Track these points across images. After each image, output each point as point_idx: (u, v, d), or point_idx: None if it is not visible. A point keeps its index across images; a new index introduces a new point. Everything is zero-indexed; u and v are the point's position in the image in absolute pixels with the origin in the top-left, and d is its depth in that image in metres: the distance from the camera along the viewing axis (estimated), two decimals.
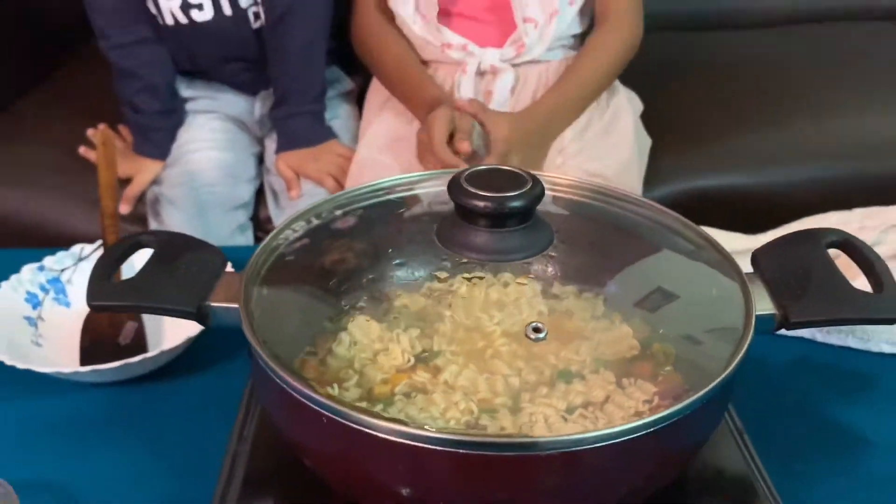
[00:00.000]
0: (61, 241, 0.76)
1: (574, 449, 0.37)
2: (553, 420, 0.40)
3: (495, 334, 0.43)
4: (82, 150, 1.13)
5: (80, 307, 0.70)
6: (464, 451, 0.37)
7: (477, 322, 0.44)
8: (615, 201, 0.54)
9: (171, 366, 0.64)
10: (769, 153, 1.16)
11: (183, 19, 1.07)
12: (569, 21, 1.06)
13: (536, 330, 0.42)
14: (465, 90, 1.06)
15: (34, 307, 0.69)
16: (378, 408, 0.40)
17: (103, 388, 0.63)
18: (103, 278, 0.46)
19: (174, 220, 1.07)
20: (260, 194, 1.16)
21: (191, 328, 0.62)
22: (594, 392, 0.42)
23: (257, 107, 1.17)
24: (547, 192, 0.47)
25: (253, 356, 0.44)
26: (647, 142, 1.16)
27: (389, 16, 1.08)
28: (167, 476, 0.55)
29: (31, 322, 0.68)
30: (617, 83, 1.14)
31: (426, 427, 0.38)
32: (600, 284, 0.46)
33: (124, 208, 1.08)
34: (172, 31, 1.08)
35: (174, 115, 1.12)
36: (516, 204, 0.43)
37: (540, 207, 0.46)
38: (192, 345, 0.64)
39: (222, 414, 0.57)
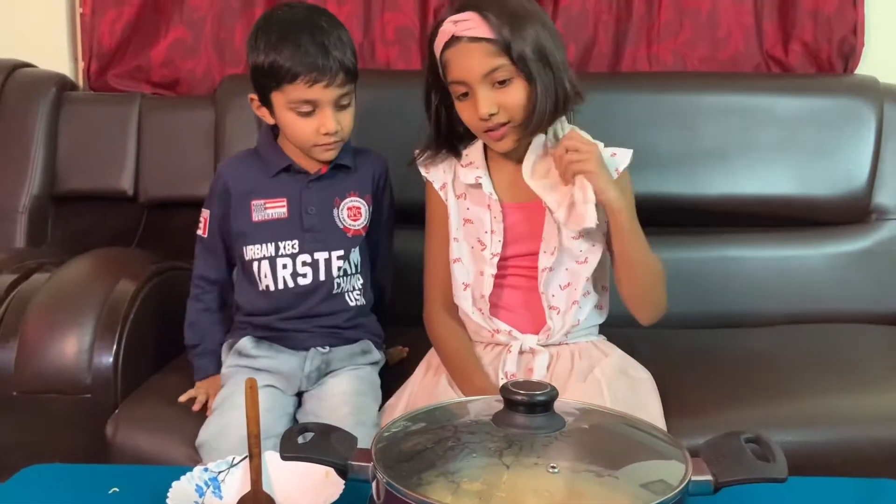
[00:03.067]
0: None
1: None
2: None
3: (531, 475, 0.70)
4: (182, 398, 1.45)
5: (230, 500, 0.97)
6: None
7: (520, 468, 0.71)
8: (613, 415, 0.83)
9: None
10: (761, 424, 1.39)
11: (291, 284, 1.42)
12: (586, 312, 1.37)
13: (553, 468, 0.69)
14: (510, 366, 1.33)
15: (200, 495, 0.97)
16: None
17: None
18: (291, 442, 0.76)
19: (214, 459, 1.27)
20: None
21: None
22: None
23: (307, 363, 1.44)
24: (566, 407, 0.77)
25: (379, 486, 0.71)
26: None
27: (453, 310, 1.40)
28: None
29: None
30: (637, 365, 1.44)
31: None
32: (594, 455, 0.74)
33: (196, 408, 1.43)
34: (280, 293, 1.42)
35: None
36: (542, 398, 0.73)
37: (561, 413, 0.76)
38: None
39: None
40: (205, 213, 1.49)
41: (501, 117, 1.28)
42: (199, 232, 1.50)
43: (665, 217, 1.73)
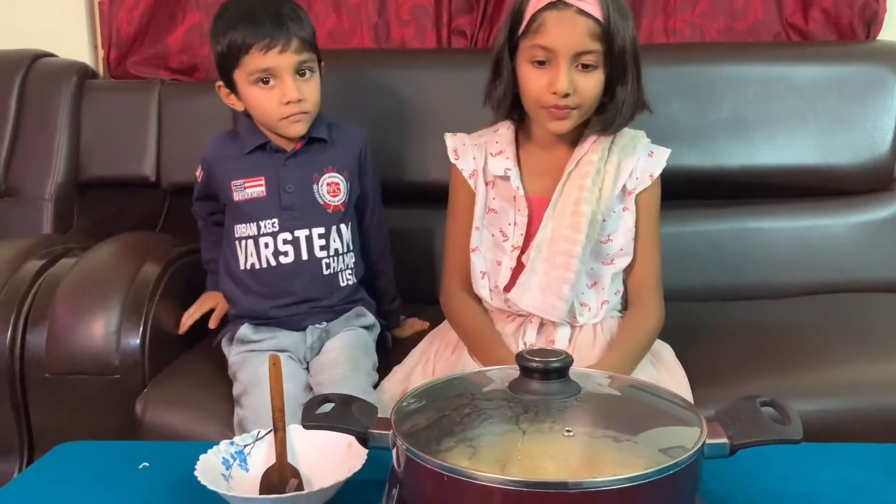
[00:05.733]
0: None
1: (589, 490, 0.64)
2: None
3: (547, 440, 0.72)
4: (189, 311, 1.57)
5: (255, 472, 0.99)
6: (527, 490, 0.64)
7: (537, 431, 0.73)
8: (629, 382, 0.84)
9: None
10: (775, 391, 1.39)
11: (274, 263, 1.44)
12: (615, 304, 1.38)
13: (568, 431, 0.71)
14: (530, 337, 1.35)
15: (227, 468, 0.99)
16: None
17: None
18: (312, 412, 0.78)
19: None
20: None
21: (338, 478, 0.91)
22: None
23: (308, 338, 1.47)
24: (579, 371, 0.78)
25: (399, 456, 0.73)
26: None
27: (471, 288, 1.39)
28: None
29: (225, 478, 0.97)
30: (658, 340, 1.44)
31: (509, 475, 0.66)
32: (611, 419, 0.75)
33: (212, 324, 1.55)
34: (265, 272, 1.45)
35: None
36: (557, 364, 0.74)
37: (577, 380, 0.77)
38: (338, 494, 0.91)
39: None
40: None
41: (573, 100, 1.25)
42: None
43: (684, 189, 1.72)
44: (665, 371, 1.38)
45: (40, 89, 1.95)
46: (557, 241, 1.31)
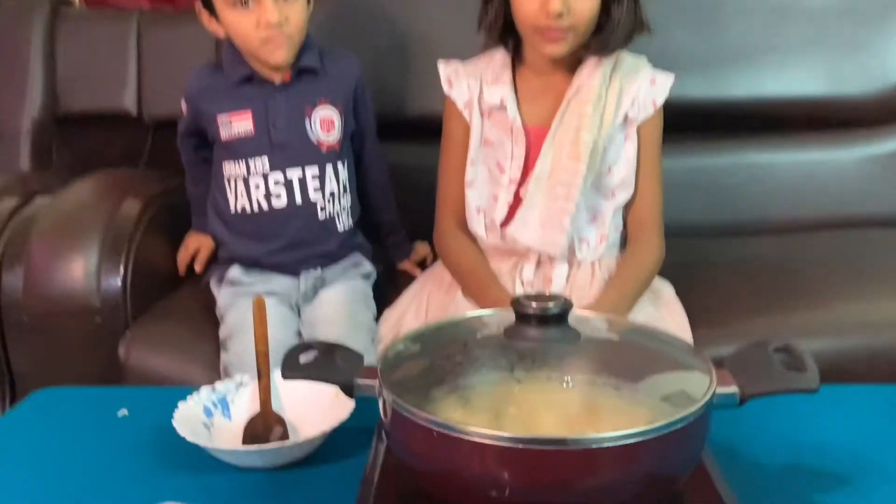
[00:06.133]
0: None
1: (591, 447, 0.60)
2: None
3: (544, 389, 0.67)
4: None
5: (238, 420, 0.95)
6: (523, 447, 0.60)
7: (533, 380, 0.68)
8: (625, 323, 0.79)
9: (308, 458, 0.88)
10: (777, 330, 1.35)
11: (266, 207, 1.38)
12: (615, 241, 1.34)
13: (567, 382, 0.66)
14: (527, 275, 1.31)
15: (208, 417, 0.95)
16: None
17: (259, 473, 0.86)
18: (293, 362, 0.73)
19: None
20: None
21: (324, 428, 0.86)
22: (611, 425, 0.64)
23: (301, 284, 1.41)
24: (578, 315, 0.72)
25: (385, 409, 0.68)
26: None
27: (465, 226, 1.34)
28: None
29: (206, 427, 0.93)
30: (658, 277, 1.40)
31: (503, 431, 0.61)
32: (613, 366, 0.70)
33: (198, 267, 1.49)
34: (256, 216, 1.38)
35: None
36: (555, 310, 0.69)
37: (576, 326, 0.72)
38: (324, 445, 0.87)
39: (347, 494, 0.77)
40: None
41: (568, 21, 1.20)
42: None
43: (684, 121, 1.63)
44: (665, 310, 1.34)
45: (10, 19, 1.85)
46: (557, 172, 1.26)
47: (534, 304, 0.69)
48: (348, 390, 0.72)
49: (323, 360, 0.74)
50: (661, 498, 0.65)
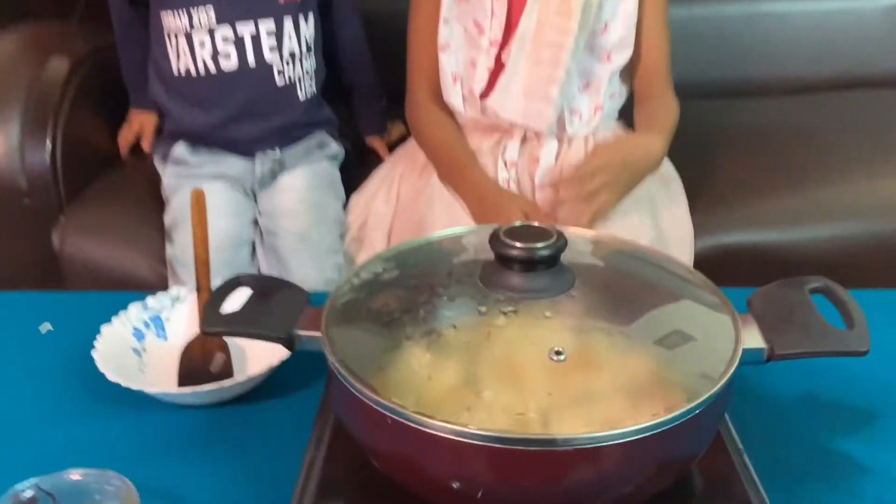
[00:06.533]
0: (129, 284, 0.88)
1: (586, 446, 0.47)
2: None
3: (528, 361, 0.53)
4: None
5: (176, 341, 0.82)
6: (499, 446, 0.47)
7: (512, 350, 0.54)
8: (631, 253, 0.64)
9: (255, 392, 0.75)
10: (790, 214, 1.25)
11: (213, 69, 1.20)
12: (610, 112, 1.18)
13: (558, 353, 0.52)
14: (511, 153, 1.17)
15: (139, 340, 0.81)
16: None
17: (197, 409, 0.74)
18: (214, 310, 0.58)
19: (186, 278, 1.16)
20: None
21: (270, 359, 0.73)
22: (611, 410, 0.51)
23: (257, 166, 1.26)
24: (574, 246, 0.58)
25: (332, 373, 0.55)
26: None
27: (440, 98, 1.19)
28: (252, 482, 0.65)
29: (137, 353, 0.80)
30: None
31: (469, 426, 0.48)
32: (613, 320, 0.56)
33: (146, 146, 1.34)
34: (202, 80, 1.21)
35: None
36: (544, 252, 0.54)
37: (568, 259, 0.57)
38: (273, 375, 0.75)
39: (299, 431, 0.67)
40: None
41: None
42: None
43: None
44: (662, 190, 1.20)
45: None
46: (544, 32, 1.10)
47: (518, 245, 0.54)
48: (288, 344, 0.58)
49: (253, 307, 0.59)
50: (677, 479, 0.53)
